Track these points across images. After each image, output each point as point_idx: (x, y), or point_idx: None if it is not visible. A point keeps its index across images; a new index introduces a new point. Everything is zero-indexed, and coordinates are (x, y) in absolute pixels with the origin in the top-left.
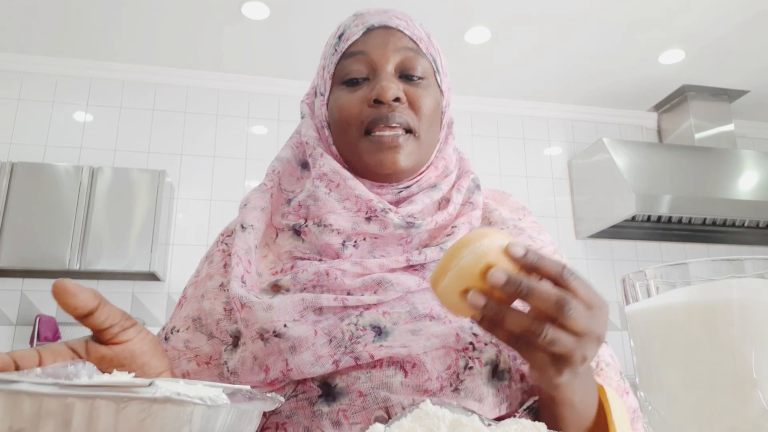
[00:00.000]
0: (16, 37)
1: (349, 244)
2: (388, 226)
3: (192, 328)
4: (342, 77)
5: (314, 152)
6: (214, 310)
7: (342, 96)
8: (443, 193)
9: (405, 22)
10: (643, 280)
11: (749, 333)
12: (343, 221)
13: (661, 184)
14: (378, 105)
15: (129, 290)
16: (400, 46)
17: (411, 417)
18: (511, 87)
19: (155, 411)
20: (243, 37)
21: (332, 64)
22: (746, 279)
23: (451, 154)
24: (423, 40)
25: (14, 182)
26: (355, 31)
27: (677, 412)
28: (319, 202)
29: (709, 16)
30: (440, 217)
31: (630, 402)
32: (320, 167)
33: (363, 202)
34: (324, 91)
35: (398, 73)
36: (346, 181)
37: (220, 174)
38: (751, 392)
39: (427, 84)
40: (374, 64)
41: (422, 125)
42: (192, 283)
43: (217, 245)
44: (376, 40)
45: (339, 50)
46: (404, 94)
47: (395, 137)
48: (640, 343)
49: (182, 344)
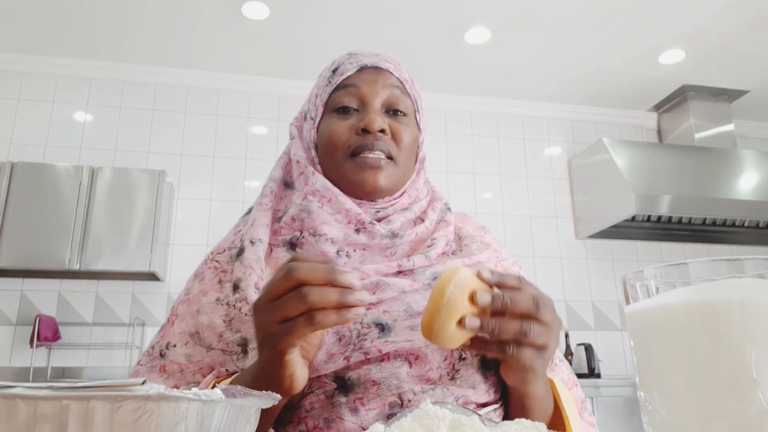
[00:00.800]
0: (16, 37)
1: (342, 254)
2: (376, 236)
3: (191, 343)
4: (334, 106)
5: (306, 170)
6: (214, 324)
7: (333, 122)
8: (415, 214)
9: (393, 65)
10: (643, 280)
11: (749, 333)
12: (335, 232)
13: (661, 184)
14: (365, 134)
15: (129, 290)
16: (388, 84)
17: (411, 417)
18: (511, 87)
19: (150, 409)
20: (243, 37)
21: (326, 94)
22: (746, 279)
23: (421, 187)
24: (408, 82)
25: (14, 182)
26: (349, 67)
27: (677, 412)
28: (312, 214)
29: (710, 17)
30: (419, 229)
31: (578, 394)
32: (312, 184)
33: (353, 216)
34: (315, 116)
35: (384, 108)
36: (337, 197)
37: (220, 174)
38: (751, 392)
39: (408, 121)
40: (364, 98)
41: (401, 155)
42: (183, 301)
43: (207, 263)
44: (368, 77)
45: (333, 83)
46: (388, 127)
47: (377, 159)
48: (640, 343)
49: (184, 359)
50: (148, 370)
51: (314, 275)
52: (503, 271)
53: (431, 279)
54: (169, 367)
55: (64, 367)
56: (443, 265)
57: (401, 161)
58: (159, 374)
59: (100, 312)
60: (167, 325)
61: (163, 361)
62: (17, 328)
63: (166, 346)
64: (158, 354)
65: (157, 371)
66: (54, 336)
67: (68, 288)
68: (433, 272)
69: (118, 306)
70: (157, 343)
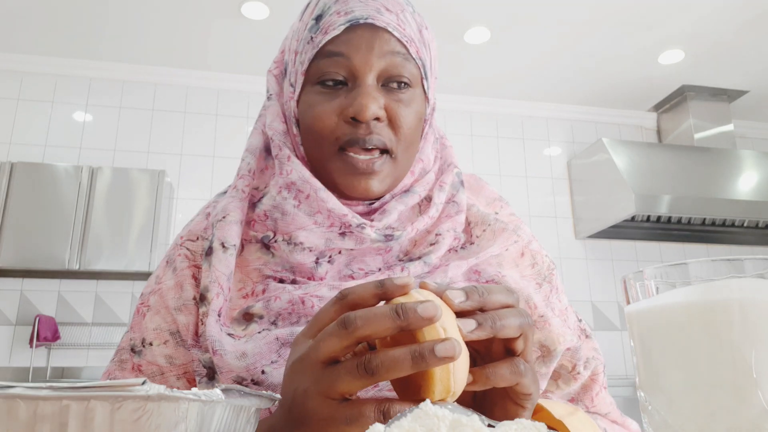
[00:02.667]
0: (16, 37)
1: (323, 261)
2: (365, 241)
3: (172, 343)
4: (317, 76)
5: (280, 153)
6: (189, 330)
7: (316, 101)
8: (419, 196)
9: (396, 17)
10: (643, 281)
11: (749, 333)
12: (314, 238)
13: (660, 185)
14: (355, 123)
15: (128, 290)
16: (386, 51)
17: (411, 417)
18: (510, 87)
19: (150, 409)
20: (243, 37)
21: (306, 58)
22: (746, 279)
23: (429, 153)
24: (414, 42)
25: (14, 182)
26: (335, 21)
27: (677, 412)
28: (287, 216)
29: (709, 17)
30: (420, 223)
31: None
32: (287, 174)
33: (336, 217)
34: (294, 83)
35: (381, 80)
36: (317, 193)
37: (220, 174)
38: (751, 392)
39: (412, 95)
40: (355, 70)
41: (400, 146)
42: (155, 291)
43: (177, 249)
44: (360, 41)
45: (315, 42)
46: (384, 111)
47: (370, 162)
48: (640, 343)
49: (164, 360)
50: (119, 366)
51: (379, 327)
52: (513, 260)
53: None
54: (146, 368)
55: (64, 367)
56: (444, 275)
57: (400, 153)
58: (133, 374)
59: (99, 312)
60: (137, 315)
61: (139, 359)
62: (17, 328)
63: (141, 342)
64: (129, 348)
65: (129, 370)
66: (53, 336)
67: (68, 288)
68: None
69: (118, 306)
70: (130, 336)
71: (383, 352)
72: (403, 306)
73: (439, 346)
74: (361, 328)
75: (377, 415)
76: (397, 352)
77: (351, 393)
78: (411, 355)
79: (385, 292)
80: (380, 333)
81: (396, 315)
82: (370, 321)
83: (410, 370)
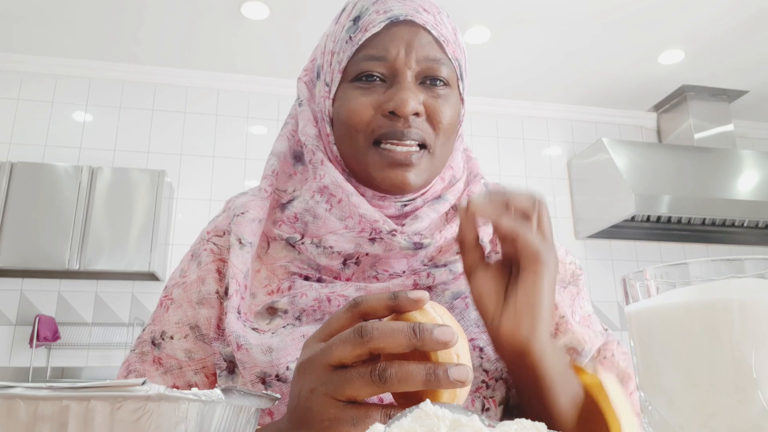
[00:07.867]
0: (16, 37)
1: (350, 263)
2: (394, 248)
3: (192, 338)
4: (355, 73)
5: (314, 158)
6: (211, 324)
7: (353, 97)
8: (450, 204)
9: (433, 17)
10: (643, 280)
11: (749, 333)
12: (344, 242)
13: (660, 185)
14: (393, 117)
15: (128, 290)
16: (426, 49)
17: (411, 417)
18: (510, 87)
19: (150, 409)
20: (243, 37)
21: (345, 56)
22: (746, 279)
23: (459, 161)
24: (450, 42)
25: (14, 182)
26: (375, 19)
27: (677, 412)
28: (318, 220)
29: (709, 16)
30: (449, 231)
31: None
32: (321, 178)
33: (367, 222)
34: (330, 83)
35: (419, 78)
36: (349, 197)
37: (220, 174)
38: (751, 392)
39: (449, 93)
40: (394, 67)
41: (438, 140)
42: (179, 284)
43: (203, 243)
44: (400, 38)
45: (354, 40)
46: (423, 107)
47: (408, 154)
48: (640, 343)
49: (183, 354)
50: (139, 358)
51: (394, 342)
52: None
53: (451, 300)
54: (166, 362)
55: (64, 367)
56: (466, 284)
57: (437, 148)
58: (153, 366)
59: (99, 312)
60: (160, 308)
61: (159, 352)
62: (17, 328)
63: (161, 335)
64: (150, 341)
65: (150, 362)
66: (53, 336)
67: (68, 288)
68: (454, 293)
69: (118, 306)
70: (151, 329)
71: (398, 364)
72: (421, 326)
73: (453, 370)
74: (377, 340)
75: (383, 420)
76: (412, 367)
77: (359, 398)
78: (425, 373)
79: (398, 304)
80: (394, 348)
81: (413, 334)
82: (387, 335)
83: (420, 387)
